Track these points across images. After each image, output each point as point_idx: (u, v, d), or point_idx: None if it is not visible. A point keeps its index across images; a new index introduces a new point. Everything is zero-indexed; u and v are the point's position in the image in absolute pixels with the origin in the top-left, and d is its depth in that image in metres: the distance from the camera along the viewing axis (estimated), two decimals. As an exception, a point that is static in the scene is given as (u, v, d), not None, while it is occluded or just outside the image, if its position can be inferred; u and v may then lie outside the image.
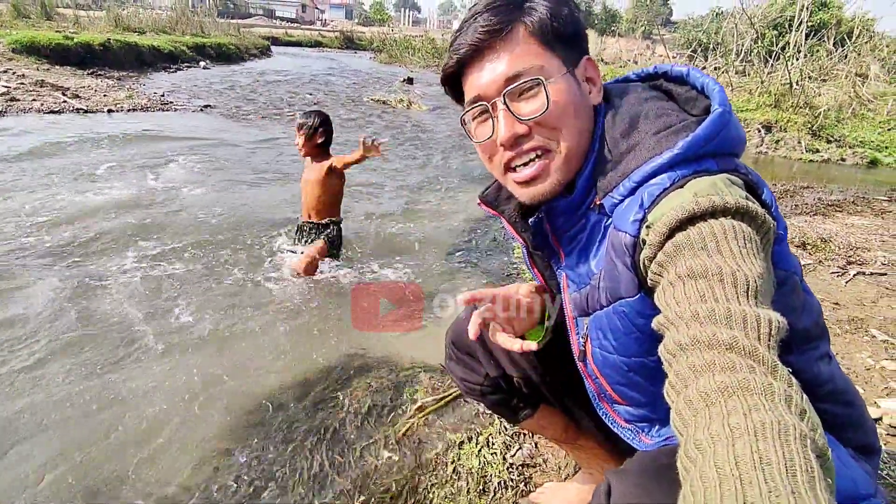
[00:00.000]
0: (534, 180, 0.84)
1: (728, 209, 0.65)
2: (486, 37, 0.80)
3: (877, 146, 7.79)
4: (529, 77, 0.79)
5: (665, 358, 0.60)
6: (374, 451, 1.64)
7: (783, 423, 0.44)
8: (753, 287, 0.59)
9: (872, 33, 11.49)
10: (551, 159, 0.83)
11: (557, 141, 0.82)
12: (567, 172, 0.84)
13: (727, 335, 0.54)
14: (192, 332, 2.26)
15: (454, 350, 1.24)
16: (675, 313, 0.61)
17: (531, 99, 0.80)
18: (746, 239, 0.63)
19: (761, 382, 0.49)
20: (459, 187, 4.83)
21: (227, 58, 15.24)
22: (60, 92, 7.23)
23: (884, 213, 4.58)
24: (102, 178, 4.17)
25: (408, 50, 20.41)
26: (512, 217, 0.98)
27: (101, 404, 1.81)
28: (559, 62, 0.81)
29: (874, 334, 2.31)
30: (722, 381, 0.50)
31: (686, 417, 0.51)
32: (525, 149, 0.83)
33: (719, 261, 0.61)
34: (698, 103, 0.81)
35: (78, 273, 2.63)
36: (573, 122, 0.81)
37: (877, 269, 3.04)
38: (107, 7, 16.45)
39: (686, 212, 0.65)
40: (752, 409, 0.46)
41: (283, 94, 9.88)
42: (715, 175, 0.71)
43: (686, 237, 0.65)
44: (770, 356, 0.53)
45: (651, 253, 0.69)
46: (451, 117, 9.00)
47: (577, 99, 0.82)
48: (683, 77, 0.85)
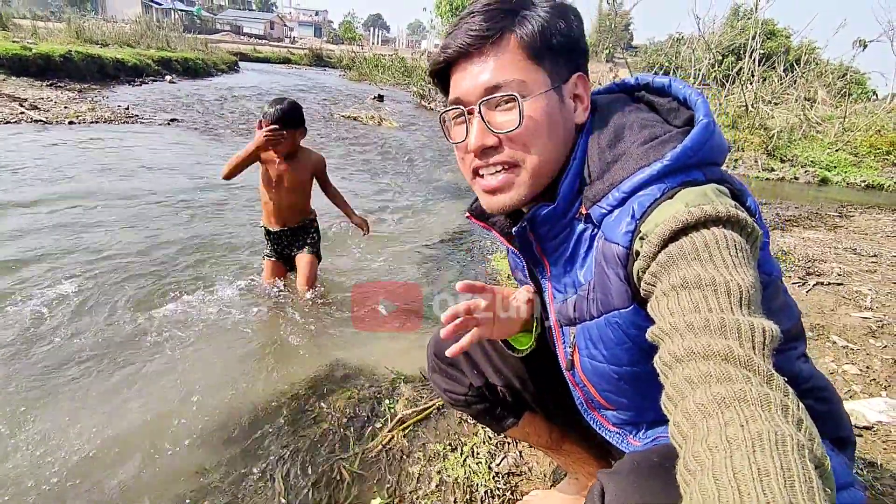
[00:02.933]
0: (498, 191, 0.85)
1: (720, 218, 0.65)
2: (474, 41, 0.79)
3: (826, 166, 8.25)
4: (508, 91, 0.79)
5: (661, 369, 0.60)
6: (354, 465, 1.61)
7: (780, 434, 0.44)
8: (746, 296, 0.59)
9: (818, 61, 12.21)
10: (516, 174, 0.83)
11: (525, 157, 0.81)
12: (532, 187, 0.84)
13: (722, 345, 0.55)
14: (164, 347, 2.18)
15: (436, 361, 1.23)
16: (670, 324, 0.61)
17: (506, 112, 0.80)
18: (738, 248, 0.64)
19: (757, 393, 0.49)
20: (433, 197, 4.85)
21: (195, 72, 15.03)
22: (17, 103, 6.97)
23: (836, 227, 4.84)
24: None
25: (378, 68, 20.53)
26: (503, 228, 0.98)
27: (69, 419, 1.72)
28: (545, 77, 0.80)
29: (835, 340, 2.42)
30: (718, 393, 0.50)
31: (684, 430, 0.51)
32: (492, 161, 0.83)
33: (713, 271, 0.61)
34: (680, 114, 0.82)
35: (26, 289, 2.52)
36: (544, 141, 0.81)
37: (833, 280, 3.19)
38: (67, 18, 16.00)
39: (679, 222, 0.66)
40: (750, 420, 0.46)
41: (253, 109, 9.77)
42: (703, 185, 0.72)
43: (679, 247, 0.65)
44: (765, 365, 0.53)
45: (645, 264, 0.69)
46: (418, 133, 9.08)
47: (554, 117, 0.81)
48: (665, 88, 0.85)
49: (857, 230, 4.77)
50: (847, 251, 3.90)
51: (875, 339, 2.46)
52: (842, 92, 11.15)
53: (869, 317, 2.67)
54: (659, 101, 0.86)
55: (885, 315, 2.71)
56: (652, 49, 21.30)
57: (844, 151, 8.75)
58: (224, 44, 27.04)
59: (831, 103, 10.69)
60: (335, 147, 7.04)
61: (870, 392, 2.03)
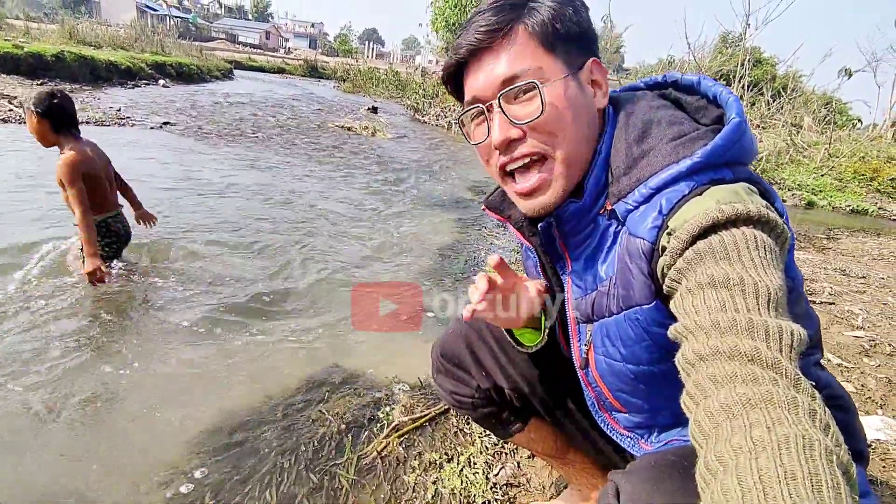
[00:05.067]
0: (535, 192, 0.83)
1: (750, 218, 0.64)
2: (485, 37, 0.78)
3: (812, 190, 8.40)
4: (526, 79, 0.77)
5: (683, 367, 0.59)
6: (349, 472, 1.55)
7: (808, 438, 0.43)
8: (774, 298, 0.58)
9: (802, 89, 12.54)
10: (550, 170, 0.81)
11: (553, 147, 0.79)
12: (569, 179, 0.82)
13: (749, 346, 0.53)
14: (157, 351, 2.12)
15: (443, 362, 1.20)
16: (695, 322, 0.60)
17: (527, 102, 0.78)
18: (767, 249, 0.62)
19: (785, 395, 0.48)
20: (426, 206, 4.84)
21: (189, 77, 14.99)
22: (7, 101, 6.87)
23: (824, 249, 4.90)
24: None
25: (372, 80, 20.64)
26: (519, 222, 0.96)
27: (60, 420, 1.65)
28: (560, 64, 0.79)
29: (829, 358, 2.42)
30: (744, 393, 0.49)
31: (706, 429, 0.50)
32: (518, 154, 0.81)
33: (741, 270, 0.60)
34: (709, 112, 0.81)
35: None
36: (571, 126, 0.79)
37: (825, 299, 3.22)
38: (60, 20, 15.92)
39: (710, 219, 0.64)
40: (776, 423, 0.45)
41: (247, 116, 9.74)
42: (733, 183, 0.70)
43: (708, 245, 0.64)
44: (793, 368, 0.52)
45: (671, 260, 0.68)
46: (412, 145, 9.12)
47: (577, 103, 0.79)
48: (694, 86, 0.84)
49: (844, 252, 4.84)
50: (836, 272, 3.95)
51: (868, 357, 2.47)
52: (826, 119, 11.44)
53: (861, 336, 2.69)
54: (687, 98, 0.85)
55: (877, 334, 2.73)
56: (643, 72, 21.70)
57: (830, 176, 8.93)
58: (219, 51, 27.07)
59: (817, 129, 10.94)
60: (327, 155, 7.02)
61: (866, 410, 2.03)
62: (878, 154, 9.52)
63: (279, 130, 8.41)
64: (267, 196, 4.61)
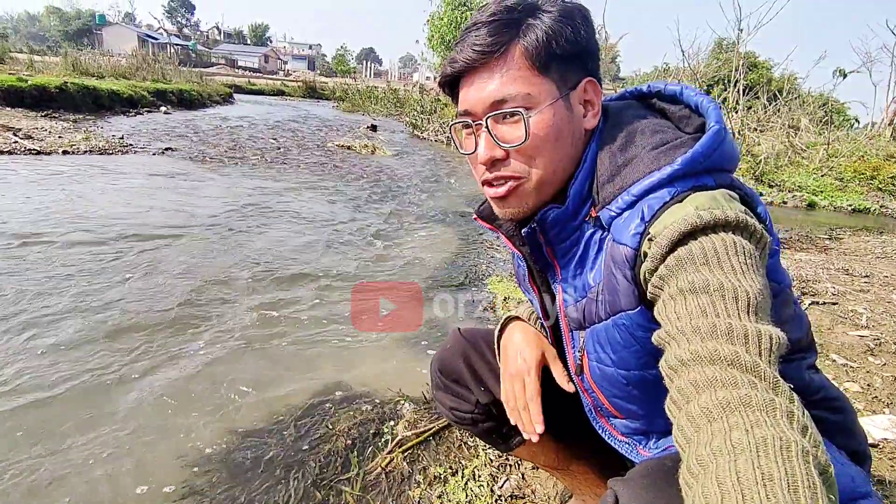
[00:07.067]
0: (505, 199, 0.86)
1: (729, 223, 0.65)
2: (479, 56, 0.80)
3: (812, 190, 8.41)
4: (514, 105, 0.79)
5: (666, 373, 0.60)
6: (355, 488, 1.55)
7: (785, 439, 0.44)
8: (754, 303, 0.59)
9: (798, 91, 12.59)
10: (522, 184, 0.84)
11: (531, 167, 0.82)
12: (538, 196, 0.84)
13: (729, 351, 0.55)
14: (162, 367, 2.13)
15: (441, 378, 1.21)
16: (677, 328, 0.61)
17: (514, 125, 0.80)
18: (747, 254, 0.64)
19: (763, 398, 0.49)
20: (427, 222, 4.87)
21: (189, 103, 15.16)
22: (12, 133, 6.97)
23: (826, 249, 4.89)
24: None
25: (370, 99, 20.86)
26: (509, 231, 0.97)
27: (66, 429, 1.66)
28: (552, 86, 0.80)
29: (834, 358, 2.41)
30: (724, 397, 0.50)
31: (688, 433, 0.51)
32: (500, 174, 0.84)
33: (721, 276, 0.61)
34: (692, 121, 0.82)
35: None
36: (550, 152, 0.81)
37: (828, 300, 3.21)
38: (63, 52, 16.23)
39: (689, 225, 0.65)
40: (754, 425, 0.46)
41: (247, 139, 9.85)
42: (714, 190, 0.72)
43: (688, 251, 0.65)
44: (771, 372, 0.53)
45: (652, 266, 0.69)
46: (411, 161, 9.18)
47: (562, 127, 0.81)
48: (677, 96, 0.86)
49: (847, 252, 4.83)
50: (839, 272, 3.93)
51: (874, 356, 2.45)
52: (823, 120, 11.47)
53: (866, 335, 2.68)
54: (671, 108, 0.86)
55: (881, 333, 2.71)
56: (638, 80, 21.86)
57: (830, 177, 8.94)
58: (219, 76, 27.47)
59: (815, 131, 10.97)
60: (328, 175, 7.08)
61: (873, 409, 2.02)
62: (878, 152, 9.53)
63: (278, 153, 8.49)
64: (266, 215, 4.65)
